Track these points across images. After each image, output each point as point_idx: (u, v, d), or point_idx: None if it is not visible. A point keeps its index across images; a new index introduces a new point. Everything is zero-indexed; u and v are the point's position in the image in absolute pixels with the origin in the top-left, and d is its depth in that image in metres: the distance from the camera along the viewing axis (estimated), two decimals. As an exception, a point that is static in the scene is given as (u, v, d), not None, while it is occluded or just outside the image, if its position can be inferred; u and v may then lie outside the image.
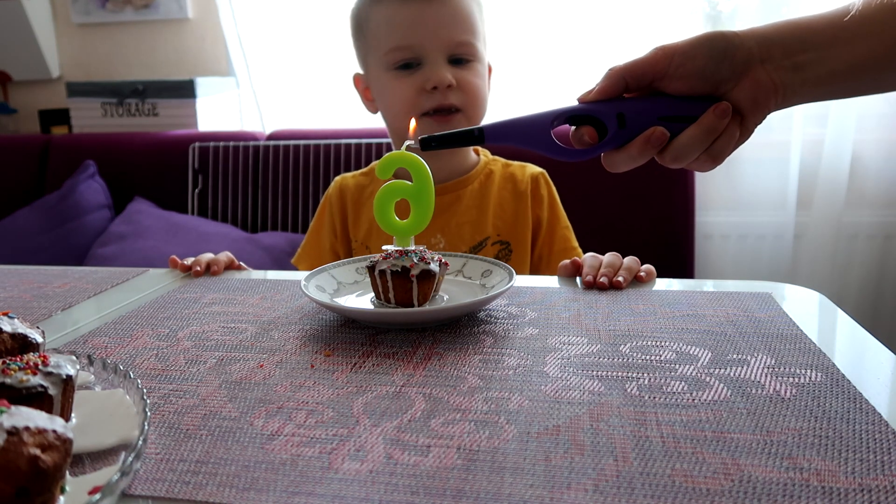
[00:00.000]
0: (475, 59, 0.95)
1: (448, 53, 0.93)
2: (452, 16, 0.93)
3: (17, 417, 0.32)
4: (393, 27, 0.93)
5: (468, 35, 0.94)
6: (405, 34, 0.92)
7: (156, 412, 0.46)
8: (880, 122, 1.78)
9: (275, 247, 1.78)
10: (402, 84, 0.94)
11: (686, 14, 1.84)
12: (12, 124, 2.39)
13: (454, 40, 0.93)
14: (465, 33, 0.94)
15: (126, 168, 2.00)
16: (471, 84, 0.94)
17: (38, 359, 0.41)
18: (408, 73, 0.94)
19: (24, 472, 0.31)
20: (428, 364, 0.53)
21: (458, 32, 0.93)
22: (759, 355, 0.53)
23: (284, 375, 0.52)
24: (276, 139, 1.95)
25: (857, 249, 1.82)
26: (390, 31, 0.94)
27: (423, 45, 0.92)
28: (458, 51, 0.93)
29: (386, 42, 0.94)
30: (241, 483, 0.37)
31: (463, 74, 0.94)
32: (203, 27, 2.21)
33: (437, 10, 0.92)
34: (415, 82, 0.93)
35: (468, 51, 0.94)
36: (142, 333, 0.62)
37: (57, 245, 1.87)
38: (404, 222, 0.65)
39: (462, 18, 0.94)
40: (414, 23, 0.92)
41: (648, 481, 0.36)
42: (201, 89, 2.06)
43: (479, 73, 0.96)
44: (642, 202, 1.71)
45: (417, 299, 0.61)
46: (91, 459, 0.39)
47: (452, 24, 0.93)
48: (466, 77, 0.94)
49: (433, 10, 0.92)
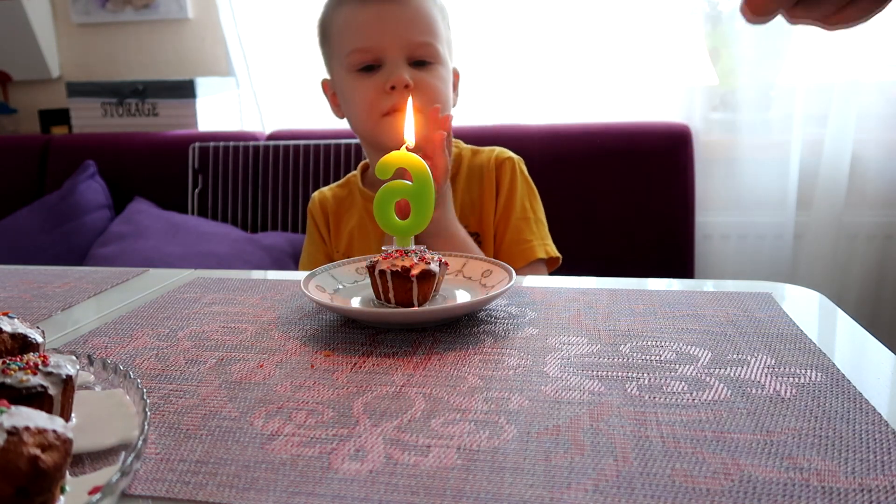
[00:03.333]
0: (436, 62, 0.95)
1: (408, 54, 0.93)
2: (412, 17, 0.93)
3: (17, 417, 0.32)
4: (353, 29, 0.94)
5: (428, 36, 0.94)
6: (365, 36, 0.93)
7: (156, 412, 0.46)
8: (880, 122, 1.78)
9: (275, 247, 1.78)
10: (362, 85, 0.94)
11: (686, 14, 1.84)
12: (12, 124, 2.39)
13: (414, 41, 0.93)
14: (424, 34, 0.94)
15: (126, 168, 2.00)
16: (430, 86, 0.94)
17: (38, 359, 0.41)
18: (368, 74, 0.94)
19: (24, 472, 0.31)
20: (428, 364, 0.53)
21: (417, 33, 0.93)
22: (759, 355, 0.53)
23: (284, 375, 0.52)
24: (276, 139, 1.95)
25: (857, 249, 1.82)
26: (351, 33, 0.94)
27: (383, 47, 0.92)
28: (417, 52, 0.94)
29: (347, 44, 0.95)
30: (241, 483, 0.37)
31: (422, 76, 0.94)
32: (203, 27, 2.21)
33: (396, 11, 0.93)
34: (375, 83, 0.93)
35: (428, 52, 0.94)
36: (142, 333, 0.62)
37: (57, 245, 1.87)
38: (404, 222, 0.65)
39: (421, 20, 0.94)
40: (373, 24, 0.93)
41: (648, 481, 0.36)
42: (201, 89, 2.06)
43: (440, 75, 0.96)
44: (642, 202, 1.71)
45: (417, 299, 0.61)
46: (91, 459, 0.39)
47: (412, 25, 0.93)
48: (426, 79, 0.94)
49: (392, 12, 0.92)
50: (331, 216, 1.06)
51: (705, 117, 1.87)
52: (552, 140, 1.78)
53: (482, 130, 1.79)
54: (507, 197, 1.01)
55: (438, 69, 0.96)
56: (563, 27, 1.88)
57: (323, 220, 1.07)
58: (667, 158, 1.73)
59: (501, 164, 1.02)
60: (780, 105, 1.84)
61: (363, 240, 1.02)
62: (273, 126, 2.09)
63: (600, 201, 1.72)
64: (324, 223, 1.07)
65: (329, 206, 1.07)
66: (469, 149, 1.06)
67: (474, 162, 1.03)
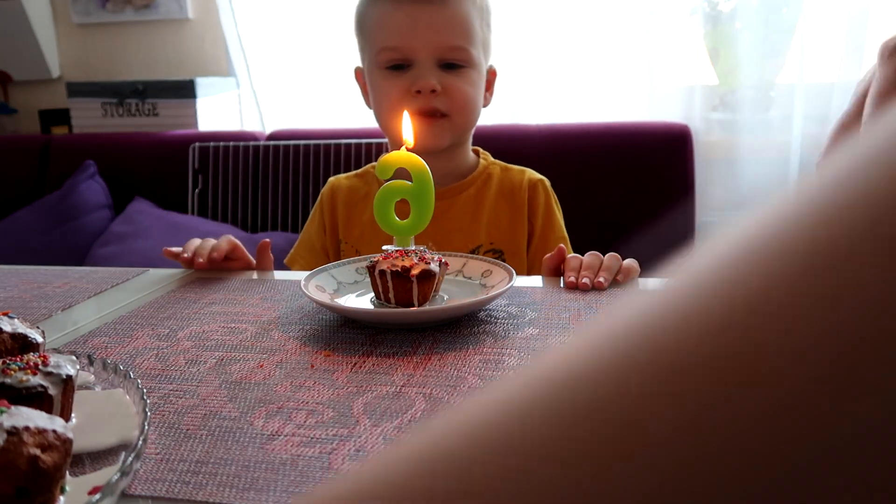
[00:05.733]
0: (468, 66, 0.94)
1: (438, 57, 0.92)
2: (445, 20, 0.92)
3: (17, 417, 0.32)
4: (385, 28, 0.94)
5: (461, 40, 0.93)
6: (396, 36, 0.92)
7: (156, 412, 0.46)
8: (880, 122, 1.78)
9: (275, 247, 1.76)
10: (389, 84, 0.94)
11: (686, 14, 1.84)
12: (12, 124, 2.39)
13: (445, 45, 0.92)
14: (458, 38, 0.93)
15: (126, 168, 2.00)
16: (459, 91, 0.93)
17: (38, 359, 0.41)
18: (397, 73, 0.93)
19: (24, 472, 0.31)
20: (428, 364, 0.53)
21: (450, 37, 0.92)
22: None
23: (284, 375, 0.52)
24: (276, 139, 1.95)
25: (856, 249, 1.81)
26: (382, 31, 0.94)
27: (413, 48, 0.92)
28: (449, 56, 0.93)
29: (378, 41, 0.94)
30: (241, 483, 0.37)
31: (452, 80, 0.93)
32: (203, 27, 2.21)
33: (430, 13, 0.92)
34: (402, 84, 0.92)
35: (460, 56, 0.93)
36: (142, 333, 0.62)
37: (57, 245, 1.87)
38: (404, 222, 0.65)
39: (457, 23, 0.93)
40: (405, 25, 0.92)
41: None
42: (201, 89, 2.06)
43: (471, 79, 0.95)
44: (642, 202, 1.71)
45: (417, 299, 0.61)
46: (91, 459, 0.39)
47: (445, 28, 0.92)
48: (455, 83, 0.93)
49: (426, 14, 0.91)
50: (341, 207, 1.04)
51: (705, 117, 1.87)
52: (552, 140, 1.78)
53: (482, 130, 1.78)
54: (546, 219, 1.01)
55: (469, 73, 0.95)
56: (563, 27, 1.88)
57: (330, 209, 1.05)
58: (667, 158, 1.73)
59: (534, 187, 1.02)
60: (780, 105, 1.84)
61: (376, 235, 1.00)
62: (273, 126, 2.09)
63: (600, 201, 1.72)
64: (329, 211, 1.05)
65: (341, 197, 1.05)
66: (498, 165, 1.05)
67: (505, 179, 1.03)
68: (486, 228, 0.99)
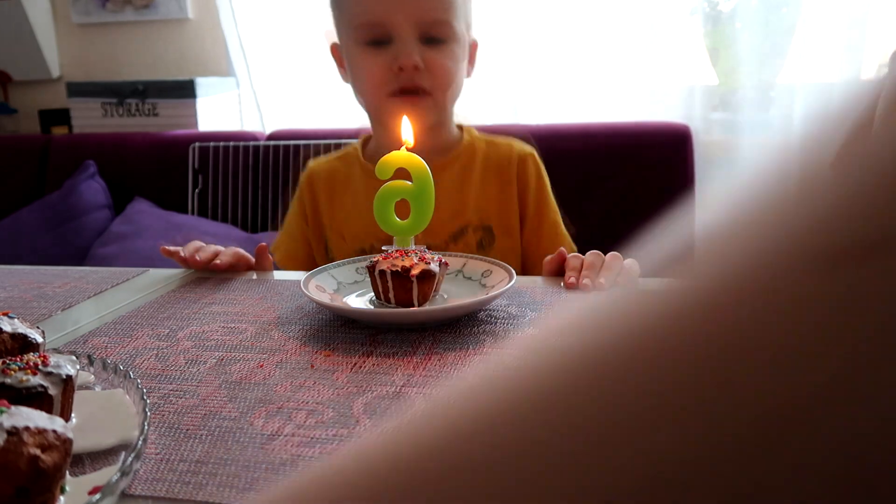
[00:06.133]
0: (450, 40, 0.91)
1: (420, 32, 0.89)
2: None
3: (17, 417, 0.32)
4: (363, 1, 0.90)
5: (443, 13, 0.89)
6: (376, 10, 0.89)
7: (156, 412, 0.46)
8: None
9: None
10: (370, 61, 0.90)
11: (686, 14, 1.84)
12: (12, 124, 2.39)
13: (427, 18, 0.88)
14: (439, 12, 0.89)
15: (126, 168, 2.00)
16: (441, 66, 0.90)
17: (38, 359, 0.41)
18: (377, 49, 0.90)
19: (24, 472, 0.31)
20: (428, 364, 0.53)
21: (431, 10, 0.89)
22: (759, 355, 0.53)
23: (284, 375, 0.52)
24: (276, 139, 1.95)
25: (857, 249, 1.81)
26: (360, 4, 0.91)
27: (394, 23, 0.88)
28: (430, 30, 0.89)
29: (357, 16, 0.91)
30: (241, 483, 0.37)
31: (433, 56, 0.89)
32: (203, 27, 2.21)
33: None
34: (384, 60, 0.89)
35: (442, 30, 0.90)
36: (142, 333, 0.62)
37: (57, 245, 1.87)
38: (404, 222, 0.65)
39: None
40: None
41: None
42: (201, 89, 2.06)
43: (453, 54, 0.91)
44: (642, 202, 1.71)
45: (417, 299, 0.61)
46: (91, 459, 0.39)
47: (426, 1, 0.89)
48: (437, 59, 0.90)
49: None
50: (322, 192, 1.01)
51: (705, 117, 1.87)
52: (552, 140, 1.78)
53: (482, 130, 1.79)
54: (538, 196, 0.98)
55: (452, 47, 0.91)
56: (563, 27, 1.88)
57: (308, 195, 1.02)
58: (667, 158, 1.73)
59: (524, 162, 0.99)
60: (780, 105, 1.84)
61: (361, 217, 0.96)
62: (273, 126, 2.09)
63: (600, 201, 1.72)
64: (309, 198, 1.02)
65: (321, 182, 1.02)
66: (483, 139, 1.02)
67: (491, 153, 1.00)
68: (474, 205, 0.96)
